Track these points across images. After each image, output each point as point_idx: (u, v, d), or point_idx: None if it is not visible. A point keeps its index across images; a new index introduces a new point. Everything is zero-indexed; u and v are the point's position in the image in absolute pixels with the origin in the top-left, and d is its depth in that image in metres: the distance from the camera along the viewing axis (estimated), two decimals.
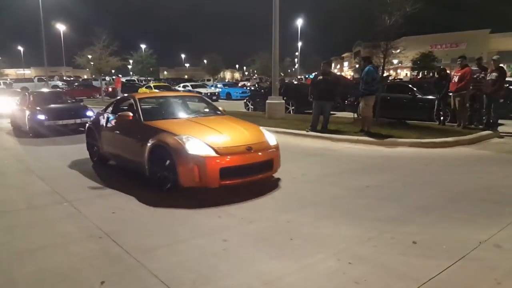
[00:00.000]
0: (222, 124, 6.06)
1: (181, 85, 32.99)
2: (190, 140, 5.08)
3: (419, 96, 12.71)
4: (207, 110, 7.29)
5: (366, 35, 12.77)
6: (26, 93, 13.42)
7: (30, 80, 46.68)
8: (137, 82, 41.55)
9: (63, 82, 42.47)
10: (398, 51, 12.39)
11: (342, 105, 15.47)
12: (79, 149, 8.40)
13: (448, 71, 12.27)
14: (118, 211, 4.73)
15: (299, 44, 57.64)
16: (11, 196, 5.50)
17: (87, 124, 7.81)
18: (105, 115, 7.16)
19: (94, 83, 39.41)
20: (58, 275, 3.18)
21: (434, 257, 3.37)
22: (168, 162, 5.17)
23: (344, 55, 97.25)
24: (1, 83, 40.94)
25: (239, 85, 34.47)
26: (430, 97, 12.23)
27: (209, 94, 28.22)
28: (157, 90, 26.64)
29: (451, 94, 10.90)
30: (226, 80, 74.33)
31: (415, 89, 13.03)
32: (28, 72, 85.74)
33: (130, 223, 4.35)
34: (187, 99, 7.93)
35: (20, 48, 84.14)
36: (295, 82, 31.52)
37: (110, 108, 7.37)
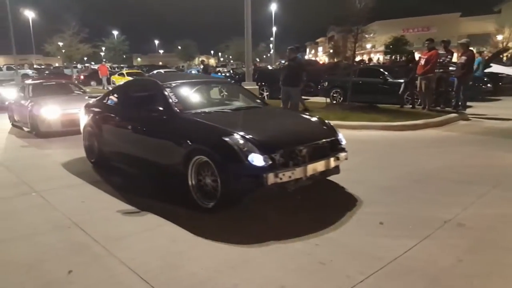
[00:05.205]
0: None
1: (155, 71, 32.27)
2: None
3: (390, 80, 12.86)
4: None
5: (337, 19, 12.79)
6: (160, 82, 5.20)
7: None
8: (109, 69, 40.46)
9: (33, 71, 40.77)
10: (371, 35, 12.51)
11: (316, 90, 15.57)
12: None
13: (417, 55, 12.46)
14: (88, 201, 4.66)
15: (274, 29, 57.19)
16: None
17: None
18: None
19: (66, 71, 38.11)
20: (23, 266, 3.13)
21: (399, 237, 3.48)
22: None
23: (318, 40, 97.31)
24: None
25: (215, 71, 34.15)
26: (401, 80, 12.43)
27: None
28: (129, 78, 26.05)
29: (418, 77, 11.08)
30: (201, 67, 73.46)
31: (386, 73, 13.18)
32: None
33: (99, 213, 4.29)
34: None
35: None
36: (270, 68, 31.44)
37: None
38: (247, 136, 3.95)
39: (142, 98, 5.48)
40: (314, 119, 5.18)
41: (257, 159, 3.76)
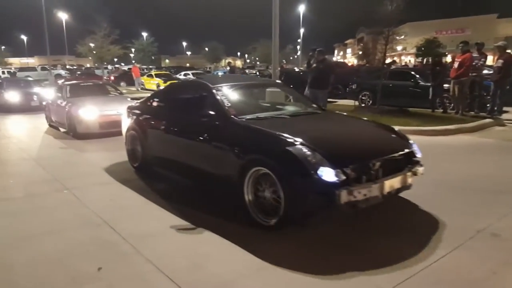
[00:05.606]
0: None
1: (182, 73, 32.79)
2: None
3: (422, 83, 12.47)
4: None
5: (368, 21, 12.63)
6: (210, 85, 4.82)
7: (33, 69, 46.80)
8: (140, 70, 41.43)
9: (66, 71, 42.44)
10: (402, 37, 12.24)
11: (344, 92, 15.37)
12: None
13: (450, 58, 12.10)
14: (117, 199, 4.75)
15: (301, 30, 56.82)
16: None
17: None
18: None
19: (97, 71, 39.39)
20: (53, 261, 3.21)
21: (430, 246, 3.37)
22: None
23: (347, 41, 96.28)
24: (5, 72, 41.06)
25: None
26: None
27: None
28: (158, 79, 26.47)
29: (450, 80, 10.68)
30: (228, 68, 74.28)
31: (417, 76, 12.85)
32: (32, 61, 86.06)
33: (127, 211, 4.36)
34: None
35: (23, 37, 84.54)
36: (297, 70, 31.33)
37: None
38: (314, 147, 3.47)
39: (191, 101, 5.15)
40: (384, 127, 4.65)
41: (327, 174, 3.27)
